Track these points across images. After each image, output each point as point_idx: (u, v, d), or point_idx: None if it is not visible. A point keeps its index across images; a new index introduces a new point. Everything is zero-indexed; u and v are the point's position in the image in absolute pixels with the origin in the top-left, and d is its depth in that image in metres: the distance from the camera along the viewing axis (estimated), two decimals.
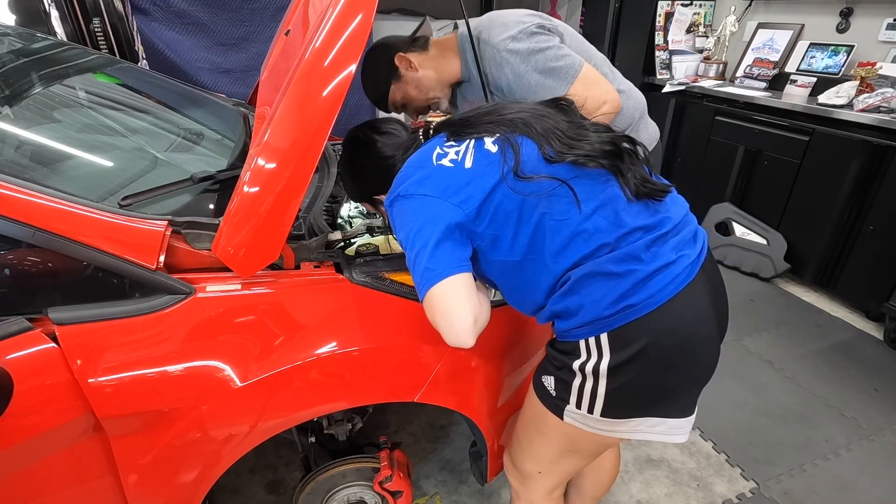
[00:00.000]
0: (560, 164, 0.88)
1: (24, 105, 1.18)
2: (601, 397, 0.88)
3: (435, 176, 0.90)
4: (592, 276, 0.85)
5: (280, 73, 1.11)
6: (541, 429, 1.02)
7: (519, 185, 0.86)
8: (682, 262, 0.88)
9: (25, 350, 0.85)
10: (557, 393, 0.94)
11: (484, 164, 0.89)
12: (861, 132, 2.41)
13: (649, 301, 0.84)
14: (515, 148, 0.88)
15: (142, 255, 0.92)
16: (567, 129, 0.91)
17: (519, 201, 0.86)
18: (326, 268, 1.11)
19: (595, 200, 0.87)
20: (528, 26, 1.25)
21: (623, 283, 0.84)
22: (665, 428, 0.92)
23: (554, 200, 0.86)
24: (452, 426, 1.91)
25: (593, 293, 0.85)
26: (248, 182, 0.92)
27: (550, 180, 0.86)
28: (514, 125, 0.92)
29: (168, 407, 0.95)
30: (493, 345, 1.19)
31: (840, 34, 2.86)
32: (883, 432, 1.90)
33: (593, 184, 0.89)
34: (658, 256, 0.87)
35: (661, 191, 0.91)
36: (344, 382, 1.06)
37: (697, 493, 1.67)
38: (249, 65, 2.81)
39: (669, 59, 3.51)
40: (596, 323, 0.86)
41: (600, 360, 0.86)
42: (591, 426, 0.93)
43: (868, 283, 2.50)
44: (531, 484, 1.11)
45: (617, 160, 0.89)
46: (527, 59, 1.23)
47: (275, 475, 1.71)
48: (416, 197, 0.89)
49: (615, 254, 0.85)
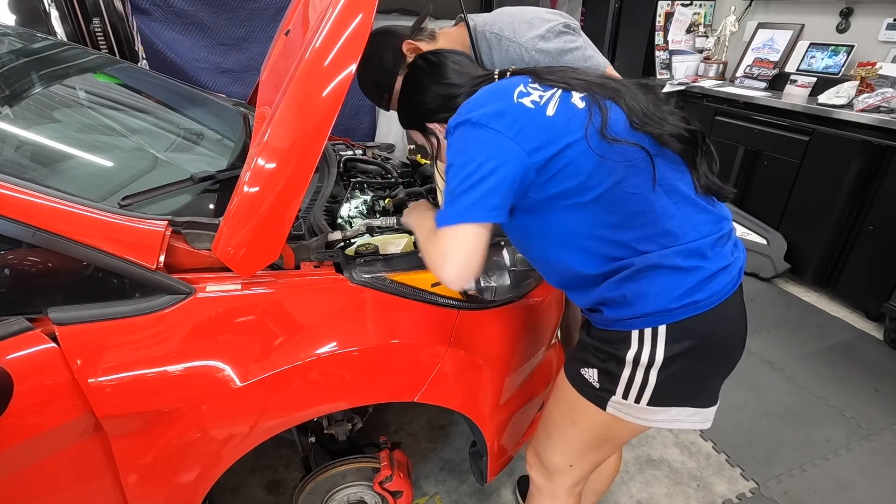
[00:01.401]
0: (644, 134, 0.86)
1: (24, 105, 1.18)
2: (650, 388, 0.89)
3: (512, 113, 0.85)
4: (658, 267, 0.85)
5: (280, 73, 1.11)
6: (576, 420, 1.01)
7: (602, 146, 0.83)
8: (736, 265, 0.92)
9: (25, 350, 0.85)
10: (602, 385, 0.93)
11: (567, 116, 0.85)
12: (861, 132, 2.41)
13: (711, 299, 0.86)
14: (604, 109, 0.86)
15: (142, 255, 0.92)
16: (649, 105, 0.90)
17: (596, 162, 0.83)
18: (326, 268, 1.11)
19: (668, 183, 0.87)
20: (554, 25, 1.24)
21: (689, 278, 0.86)
22: (700, 417, 0.95)
23: (631, 171, 0.85)
24: (452, 426, 1.91)
25: (657, 285, 0.86)
26: (248, 182, 0.91)
27: (635, 147, 0.85)
28: (605, 88, 0.90)
29: (168, 407, 0.95)
30: (493, 345, 1.19)
31: (840, 34, 2.86)
32: (883, 432, 1.90)
33: (669, 166, 0.88)
34: (721, 256, 0.89)
35: (726, 191, 0.93)
36: (344, 382, 1.06)
37: (697, 493, 1.67)
38: (249, 65, 2.80)
39: (669, 59, 3.51)
40: (658, 315, 0.86)
41: (654, 350, 0.87)
42: (633, 416, 0.93)
43: (868, 283, 2.50)
44: (558, 479, 1.09)
45: (693, 148, 0.89)
46: (556, 60, 1.22)
47: (275, 475, 1.71)
48: (488, 129, 0.84)
49: (682, 248, 0.86)
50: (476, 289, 1.16)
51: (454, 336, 1.12)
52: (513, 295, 1.21)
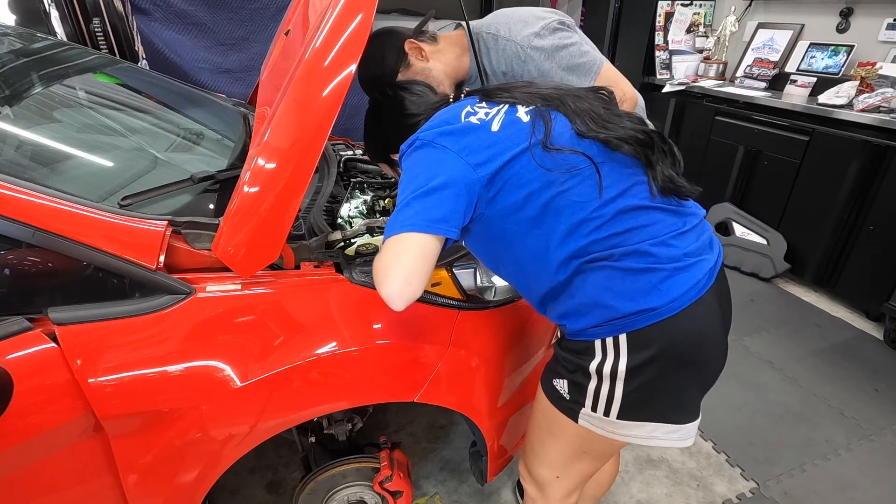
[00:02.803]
0: (591, 141, 0.86)
1: (24, 105, 1.18)
2: (617, 400, 0.86)
3: (458, 132, 0.88)
4: (611, 270, 0.83)
5: (280, 73, 1.11)
6: (553, 432, 1.00)
7: (545, 157, 0.84)
8: (703, 266, 0.87)
9: (25, 350, 0.85)
10: (571, 396, 0.92)
11: (511, 130, 0.87)
12: (861, 132, 2.41)
13: (672, 305, 0.82)
14: (547, 121, 0.87)
15: (142, 255, 0.92)
16: (602, 112, 0.90)
17: (540, 174, 0.84)
18: (326, 268, 1.11)
19: (618, 188, 0.85)
20: (549, 22, 1.25)
21: (644, 280, 0.82)
22: (680, 435, 0.90)
23: (576, 179, 0.84)
24: (452, 426, 1.91)
25: (611, 290, 0.83)
26: (248, 182, 0.91)
27: (578, 156, 0.84)
28: (548, 100, 0.91)
29: (168, 407, 0.95)
30: (493, 345, 1.19)
31: (840, 34, 2.86)
32: (883, 432, 1.90)
33: (620, 171, 0.87)
34: (679, 255, 0.85)
35: (687, 189, 0.90)
36: (344, 382, 1.06)
37: (697, 493, 1.67)
38: (249, 65, 2.80)
39: (669, 59, 3.51)
40: (615, 322, 0.84)
41: (617, 361, 0.84)
42: (605, 429, 0.91)
43: (868, 283, 2.50)
44: (549, 491, 1.08)
45: (648, 150, 0.87)
46: (551, 56, 1.24)
47: (275, 475, 1.71)
48: (434, 147, 0.87)
49: (632, 248, 0.83)
50: (476, 288, 1.16)
51: (454, 336, 1.12)
52: (513, 295, 1.21)
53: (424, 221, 0.80)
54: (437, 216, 0.81)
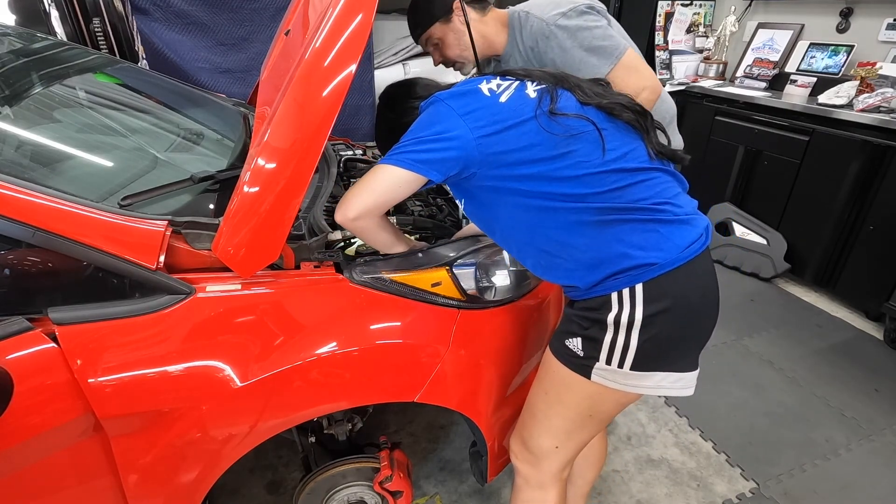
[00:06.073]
0: (594, 108, 0.95)
1: (24, 105, 1.18)
2: (632, 350, 0.91)
3: (469, 96, 0.95)
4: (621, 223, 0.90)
5: (280, 73, 1.11)
6: (561, 396, 1.02)
7: (551, 123, 0.91)
8: (701, 222, 0.95)
9: (25, 350, 0.85)
10: (586, 352, 0.95)
11: (518, 103, 0.94)
12: (861, 132, 2.41)
13: (681, 255, 0.89)
14: (554, 96, 0.94)
15: (142, 255, 0.92)
16: (597, 88, 1.00)
17: (545, 137, 0.91)
18: (326, 268, 1.11)
19: (620, 150, 0.93)
20: (578, 6, 1.31)
21: (654, 234, 0.90)
22: (684, 383, 0.96)
23: (581, 142, 0.91)
24: (452, 426, 1.91)
25: (623, 241, 0.90)
26: (248, 182, 0.92)
27: (582, 120, 0.92)
28: (555, 77, 1.00)
29: (168, 407, 0.95)
30: (493, 345, 1.19)
31: (840, 34, 2.86)
32: (883, 432, 1.91)
33: (622, 136, 0.95)
34: (683, 211, 0.93)
35: (679, 155, 0.99)
36: (344, 382, 1.06)
37: (697, 493, 1.67)
38: (249, 65, 2.81)
39: (669, 59, 3.51)
40: (630, 272, 0.89)
41: (633, 310, 0.89)
42: (619, 382, 0.94)
43: (868, 283, 2.50)
44: (545, 464, 1.09)
45: (641, 118, 0.97)
46: (574, 35, 1.29)
47: (275, 475, 1.71)
48: (443, 104, 0.95)
49: (640, 204, 0.90)
50: (476, 288, 1.16)
51: (454, 336, 1.12)
52: (513, 295, 1.21)
53: (410, 161, 0.91)
54: (423, 158, 0.91)
